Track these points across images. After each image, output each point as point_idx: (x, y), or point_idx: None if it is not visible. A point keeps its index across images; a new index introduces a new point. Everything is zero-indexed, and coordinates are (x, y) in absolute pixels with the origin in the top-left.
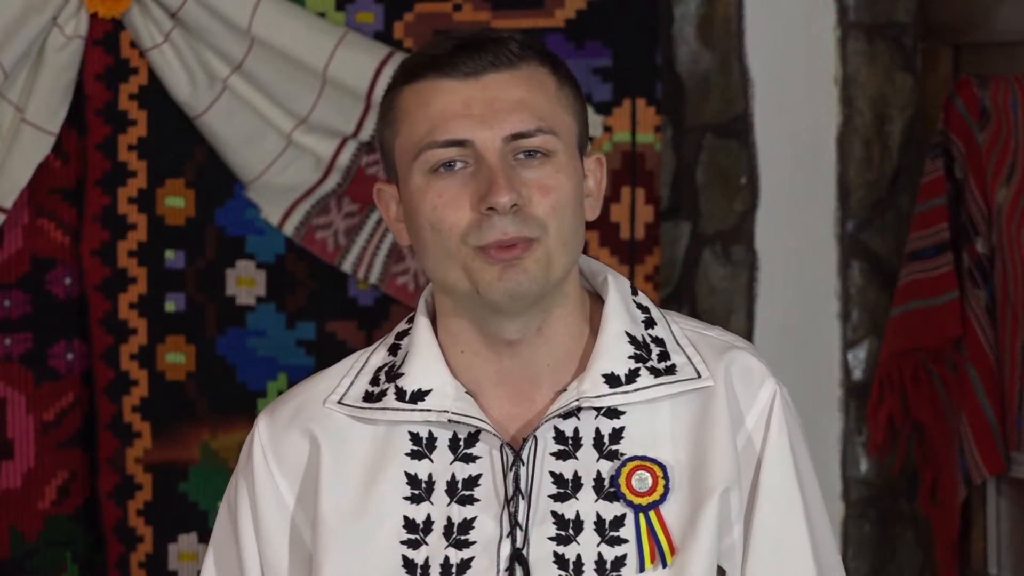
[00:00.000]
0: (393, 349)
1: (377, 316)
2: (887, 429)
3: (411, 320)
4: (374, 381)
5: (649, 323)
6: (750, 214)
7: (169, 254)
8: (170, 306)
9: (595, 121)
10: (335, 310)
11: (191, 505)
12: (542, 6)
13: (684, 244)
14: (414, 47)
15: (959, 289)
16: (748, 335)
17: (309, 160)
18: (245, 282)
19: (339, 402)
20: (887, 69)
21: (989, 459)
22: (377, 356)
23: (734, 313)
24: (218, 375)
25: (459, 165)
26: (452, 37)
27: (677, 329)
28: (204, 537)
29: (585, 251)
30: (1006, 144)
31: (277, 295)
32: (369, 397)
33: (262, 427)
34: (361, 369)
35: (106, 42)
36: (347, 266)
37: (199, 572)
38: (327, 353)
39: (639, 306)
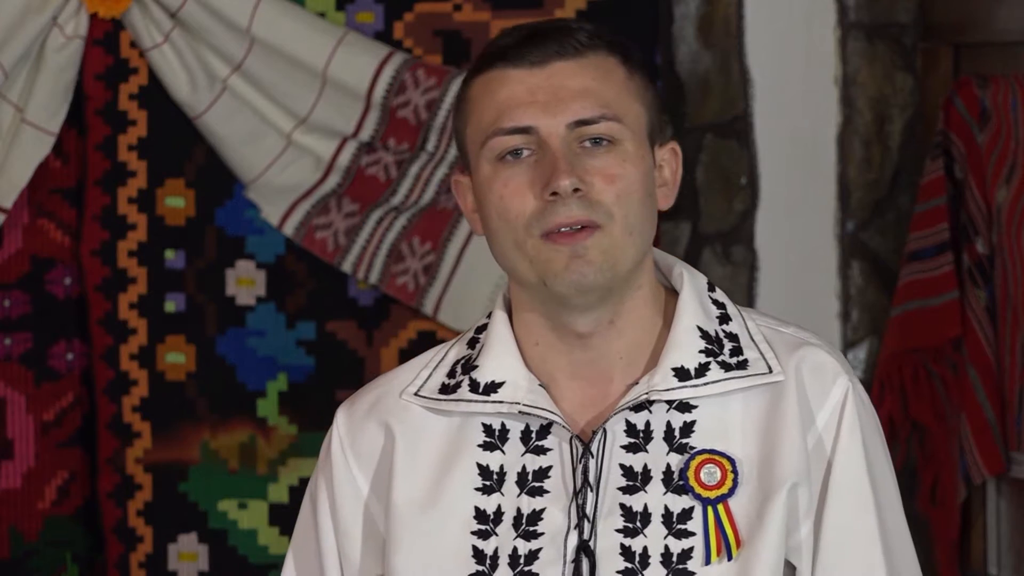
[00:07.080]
0: (471, 343)
1: (377, 316)
2: (887, 429)
3: (491, 315)
4: (451, 374)
5: (724, 319)
6: (750, 214)
7: (169, 254)
8: (170, 306)
9: None
10: (335, 310)
11: (191, 505)
12: (542, 6)
13: (684, 244)
14: (414, 47)
15: (959, 289)
16: None
17: (309, 160)
18: (245, 282)
19: (415, 394)
20: (887, 69)
21: (989, 459)
22: (456, 349)
23: None
24: (218, 375)
25: (525, 153)
26: (523, 28)
27: (752, 325)
28: (204, 537)
29: None
30: (1006, 144)
31: (277, 295)
32: (445, 389)
33: (340, 420)
34: (440, 362)
35: (106, 42)
36: (347, 266)
37: (282, 568)
38: (327, 353)
39: (715, 302)
